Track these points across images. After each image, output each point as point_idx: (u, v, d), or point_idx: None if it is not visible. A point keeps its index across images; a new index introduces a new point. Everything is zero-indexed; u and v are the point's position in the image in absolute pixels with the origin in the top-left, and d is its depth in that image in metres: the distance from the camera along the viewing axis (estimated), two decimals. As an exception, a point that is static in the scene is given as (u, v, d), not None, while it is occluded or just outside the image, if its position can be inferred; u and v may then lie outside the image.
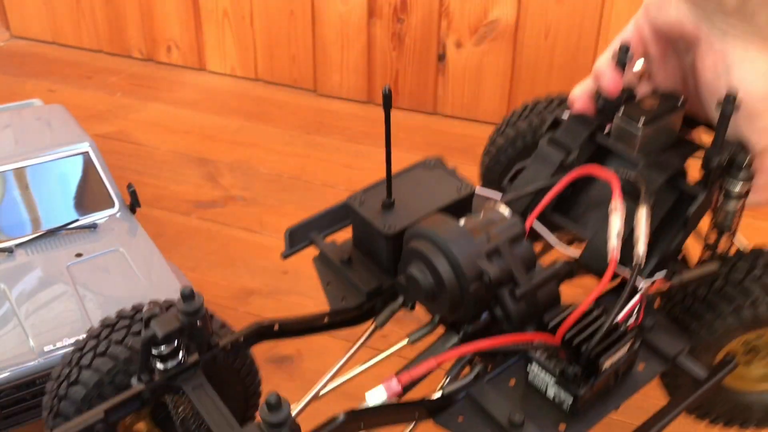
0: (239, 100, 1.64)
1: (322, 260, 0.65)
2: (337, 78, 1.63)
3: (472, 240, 0.53)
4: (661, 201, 0.59)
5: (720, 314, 0.59)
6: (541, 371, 0.53)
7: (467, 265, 0.52)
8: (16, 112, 1.10)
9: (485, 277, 0.52)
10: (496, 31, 1.47)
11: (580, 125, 0.65)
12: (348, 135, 1.51)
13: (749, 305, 0.58)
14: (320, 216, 0.66)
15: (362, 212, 0.61)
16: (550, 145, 0.65)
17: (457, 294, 0.53)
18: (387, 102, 0.56)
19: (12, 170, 0.95)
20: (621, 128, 0.63)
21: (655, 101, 0.64)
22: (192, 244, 1.16)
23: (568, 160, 0.64)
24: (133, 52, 1.82)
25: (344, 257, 0.63)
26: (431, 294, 0.54)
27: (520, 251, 0.54)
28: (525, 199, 0.64)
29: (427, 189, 0.63)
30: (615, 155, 0.64)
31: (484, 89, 1.53)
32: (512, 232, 0.55)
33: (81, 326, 0.79)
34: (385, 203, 0.61)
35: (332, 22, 1.58)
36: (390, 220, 0.60)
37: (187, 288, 0.54)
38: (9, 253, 0.89)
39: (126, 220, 0.97)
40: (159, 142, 1.46)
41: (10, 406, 0.76)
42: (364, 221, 0.61)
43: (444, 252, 0.52)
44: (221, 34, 1.70)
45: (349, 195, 0.63)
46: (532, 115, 0.78)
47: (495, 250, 0.53)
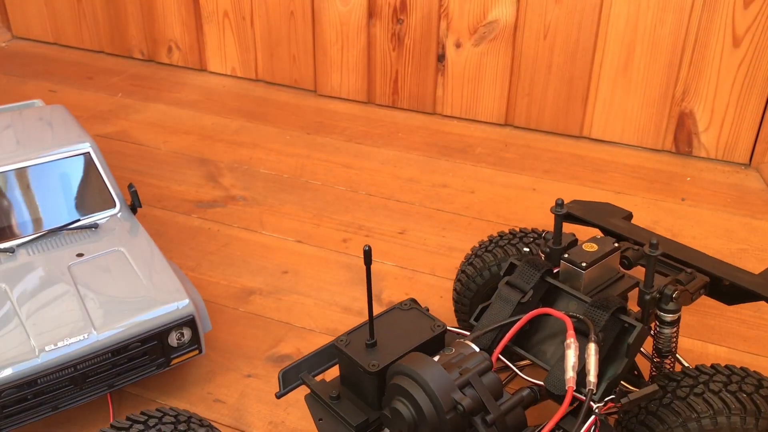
0: (240, 100, 1.65)
1: (314, 398, 0.72)
2: (337, 78, 1.64)
3: (447, 375, 0.61)
4: (609, 333, 0.68)
5: (669, 426, 0.66)
6: None
7: (443, 398, 0.60)
8: (17, 113, 1.10)
9: (459, 407, 0.60)
10: (495, 32, 1.47)
11: (533, 269, 0.75)
12: (348, 135, 1.51)
13: (694, 418, 0.65)
14: (310, 357, 0.73)
15: (348, 352, 0.68)
16: (507, 286, 0.75)
17: (436, 423, 0.61)
18: (368, 258, 0.63)
19: (13, 170, 0.95)
20: (567, 271, 0.75)
21: (594, 245, 0.76)
22: (192, 243, 1.17)
23: (524, 299, 0.74)
24: (134, 52, 1.82)
25: (333, 394, 0.70)
26: (413, 425, 0.61)
27: (488, 382, 0.63)
28: (490, 335, 0.73)
29: (405, 329, 0.71)
30: (563, 292, 0.74)
31: (483, 89, 1.54)
32: (481, 366, 0.63)
33: (82, 326, 0.80)
34: (369, 343, 0.69)
35: (332, 23, 1.58)
36: (373, 358, 0.67)
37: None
38: (11, 253, 0.90)
39: (127, 220, 0.97)
40: (160, 143, 1.46)
41: (12, 405, 0.76)
42: (351, 360, 0.68)
43: (423, 387, 0.61)
44: (222, 34, 1.71)
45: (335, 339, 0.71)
46: (496, 248, 0.88)
47: (467, 382, 0.62)
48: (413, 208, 1.27)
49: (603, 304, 0.69)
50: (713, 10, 1.32)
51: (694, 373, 0.69)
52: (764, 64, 1.34)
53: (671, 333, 0.75)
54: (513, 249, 0.87)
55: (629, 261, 0.79)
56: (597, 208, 0.93)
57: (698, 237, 1.20)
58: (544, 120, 1.52)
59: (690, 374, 0.69)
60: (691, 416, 0.65)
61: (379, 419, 0.68)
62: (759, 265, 1.14)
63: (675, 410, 0.66)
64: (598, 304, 0.69)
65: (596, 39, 1.41)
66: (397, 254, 1.15)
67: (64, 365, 0.78)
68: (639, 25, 1.37)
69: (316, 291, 1.08)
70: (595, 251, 0.75)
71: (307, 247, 1.17)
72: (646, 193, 1.33)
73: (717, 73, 1.37)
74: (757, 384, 0.67)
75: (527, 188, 1.34)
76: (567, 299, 0.74)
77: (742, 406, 0.65)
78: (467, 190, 1.33)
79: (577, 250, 0.76)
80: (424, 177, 1.36)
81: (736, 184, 1.37)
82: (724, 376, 0.67)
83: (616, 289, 0.76)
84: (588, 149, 1.48)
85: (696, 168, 1.42)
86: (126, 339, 0.81)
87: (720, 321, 1.02)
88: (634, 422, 0.69)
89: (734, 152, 1.43)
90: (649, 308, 0.72)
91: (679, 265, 0.80)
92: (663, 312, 0.73)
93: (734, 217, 1.26)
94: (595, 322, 0.67)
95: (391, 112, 1.61)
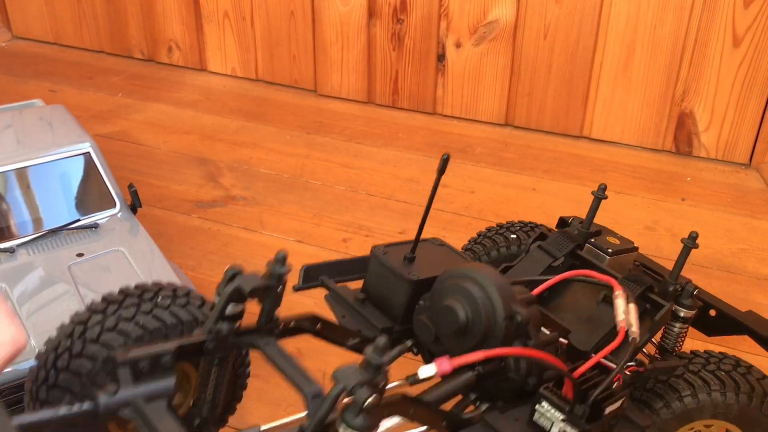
0: (240, 100, 1.65)
1: (335, 298, 0.72)
2: (337, 78, 1.64)
3: (509, 286, 0.61)
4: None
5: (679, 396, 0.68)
6: (550, 409, 0.59)
7: (504, 304, 0.59)
8: (17, 113, 1.10)
9: (517, 317, 0.59)
10: (495, 32, 1.47)
11: (566, 239, 0.78)
12: (348, 135, 1.51)
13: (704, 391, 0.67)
14: (334, 262, 0.73)
15: (386, 261, 0.69)
16: (539, 249, 0.77)
17: (490, 327, 0.60)
18: (443, 166, 0.64)
19: (13, 170, 0.95)
20: (593, 252, 0.78)
21: (617, 240, 0.80)
22: (193, 243, 1.17)
23: (554, 263, 0.76)
24: (134, 52, 1.82)
25: (359, 296, 0.70)
26: (463, 327, 0.60)
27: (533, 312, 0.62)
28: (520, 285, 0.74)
29: (439, 257, 0.72)
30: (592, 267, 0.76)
31: (483, 89, 1.54)
32: (527, 296, 0.63)
33: (82, 325, 0.80)
34: (408, 257, 0.69)
35: (332, 23, 1.58)
36: (412, 270, 0.68)
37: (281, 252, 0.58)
38: (11, 253, 0.89)
39: (127, 220, 0.97)
40: (160, 142, 1.46)
41: (11, 405, 0.76)
42: (388, 268, 0.68)
43: (486, 289, 0.60)
44: (222, 34, 1.71)
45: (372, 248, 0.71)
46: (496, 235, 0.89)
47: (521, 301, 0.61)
48: (413, 208, 1.27)
49: (636, 279, 0.71)
50: (713, 9, 1.32)
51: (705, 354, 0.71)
52: (764, 63, 1.34)
53: (680, 330, 0.75)
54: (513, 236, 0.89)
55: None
56: None
57: (698, 237, 1.20)
58: (544, 120, 1.52)
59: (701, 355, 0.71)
60: (673, 397, 0.67)
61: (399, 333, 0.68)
62: (759, 265, 1.14)
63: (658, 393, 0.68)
64: (631, 278, 0.71)
65: (596, 39, 1.41)
66: (397, 254, 1.15)
67: (64, 365, 0.78)
68: (639, 24, 1.37)
69: (315, 291, 1.07)
70: (618, 244, 0.79)
71: (307, 247, 1.17)
72: (646, 193, 1.33)
73: (717, 73, 1.37)
74: (734, 364, 0.69)
75: (527, 188, 1.34)
76: None
77: (721, 382, 0.67)
78: (467, 190, 1.33)
79: (602, 239, 0.79)
80: (424, 177, 1.36)
81: (737, 184, 1.37)
82: (702, 359, 0.70)
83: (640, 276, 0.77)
84: (588, 149, 1.48)
85: (696, 168, 1.42)
86: (126, 339, 0.81)
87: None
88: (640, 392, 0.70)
89: (734, 152, 1.43)
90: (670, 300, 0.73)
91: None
92: (680, 306, 0.74)
93: (734, 217, 1.26)
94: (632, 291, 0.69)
95: (391, 112, 1.61)
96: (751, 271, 1.12)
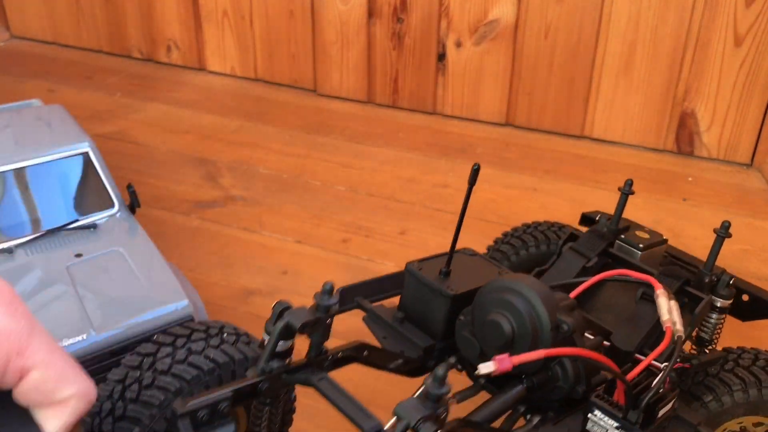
0: (239, 100, 1.64)
1: (374, 319, 0.71)
2: (337, 78, 1.63)
3: (553, 295, 0.60)
4: None
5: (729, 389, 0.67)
6: (603, 417, 0.58)
7: (550, 315, 0.58)
8: (15, 112, 1.09)
9: (564, 326, 0.58)
10: (495, 31, 1.47)
11: (598, 238, 0.77)
12: (348, 135, 1.50)
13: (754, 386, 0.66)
14: (369, 282, 0.72)
15: (422, 276, 0.68)
16: (571, 251, 0.76)
17: (536, 340, 0.59)
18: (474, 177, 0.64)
19: (11, 170, 0.94)
20: (624, 249, 0.77)
21: (646, 234, 0.79)
22: (192, 244, 1.16)
23: (588, 264, 0.75)
24: (133, 52, 1.82)
25: (399, 315, 0.69)
26: (509, 341, 0.59)
27: (577, 318, 0.61)
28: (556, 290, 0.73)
29: (473, 268, 0.71)
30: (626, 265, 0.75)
31: (483, 89, 1.53)
32: (569, 302, 0.62)
33: (80, 326, 0.79)
34: (443, 271, 0.68)
35: (332, 22, 1.58)
36: (449, 284, 0.67)
37: (328, 283, 0.57)
38: (9, 254, 0.89)
39: (126, 221, 0.97)
40: (159, 142, 1.46)
41: (10, 406, 0.76)
42: (425, 284, 0.68)
43: (531, 301, 0.59)
44: (221, 34, 1.70)
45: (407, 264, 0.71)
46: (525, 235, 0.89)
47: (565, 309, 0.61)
48: (414, 208, 1.27)
49: (672, 273, 0.70)
50: (715, 9, 1.32)
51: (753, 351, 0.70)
52: (766, 63, 1.33)
53: (718, 320, 0.74)
54: (542, 236, 0.88)
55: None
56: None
57: (700, 237, 1.20)
58: (544, 120, 1.52)
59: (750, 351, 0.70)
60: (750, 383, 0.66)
61: (441, 350, 0.67)
62: (761, 265, 1.13)
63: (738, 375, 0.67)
64: (667, 273, 0.70)
65: (597, 38, 1.41)
66: (397, 254, 1.15)
67: (62, 366, 0.77)
68: (640, 24, 1.37)
69: (315, 291, 1.07)
70: (648, 238, 0.78)
71: (306, 247, 1.17)
72: (648, 193, 1.32)
73: (719, 73, 1.37)
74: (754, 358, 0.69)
75: (528, 188, 1.33)
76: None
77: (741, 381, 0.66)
78: (468, 190, 1.32)
79: (632, 235, 0.78)
80: (424, 177, 1.36)
81: (738, 184, 1.37)
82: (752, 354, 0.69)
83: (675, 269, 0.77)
84: (589, 149, 1.47)
85: (698, 168, 1.42)
86: (125, 340, 0.80)
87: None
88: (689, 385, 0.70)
89: (736, 152, 1.42)
90: (706, 291, 0.72)
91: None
92: (717, 296, 0.73)
93: (736, 217, 1.26)
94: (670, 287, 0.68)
95: (391, 111, 1.61)
96: (753, 272, 1.11)
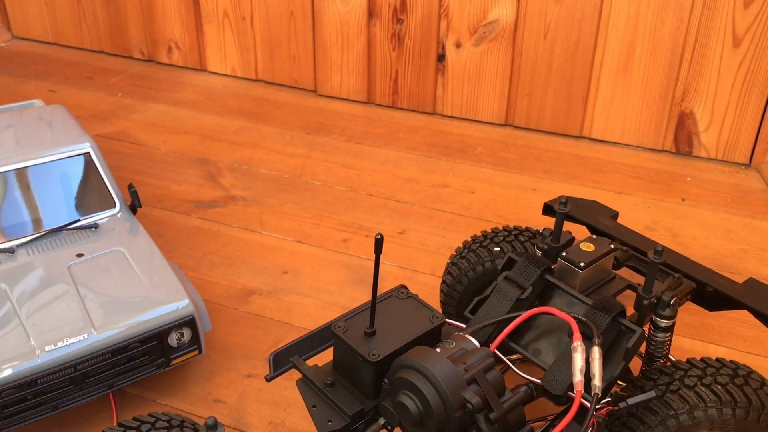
0: (239, 100, 1.65)
1: (306, 383, 0.70)
2: (337, 78, 1.64)
3: (456, 372, 0.60)
4: (606, 336, 0.68)
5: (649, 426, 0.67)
6: None
7: (453, 395, 0.59)
8: (17, 113, 1.10)
9: (468, 405, 0.59)
10: (495, 32, 1.47)
11: (533, 266, 0.75)
12: (348, 135, 1.51)
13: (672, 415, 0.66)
14: (302, 339, 0.72)
15: (347, 339, 0.67)
16: (506, 282, 0.75)
17: (443, 420, 0.60)
18: (378, 247, 0.62)
19: (13, 170, 0.95)
20: (566, 268, 0.75)
21: (591, 245, 0.76)
22: (192, 244, 1.17)
23: (523, 296, 0.74)
24: (134, 52, 1.82)
25: (327, 381, 0.69)
26: (419, 420, 0.61)
27: (492, 379, 0.62)
28: (488, 329, 0.72)
29: (403, 318, 0.70)
30: (562, 291, 0.75)
31: (483, 89, 1.54)
32: (485, 362, 0.62)
33: (82, 326, 0.80)
34: (368, 331, 0.67)
35: (332, 23, 1.58)
36: (373, 347, 0.66)
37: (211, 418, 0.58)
38: (10, 254, 0.89)
39: (127, 220, 0.97)
40: (160, 143, 1.46)
41: (12, 405, 0.76)
42: (350, 348, 0.67)
43: (433, 383, 0.59)
44: (222, 34, 1.71)
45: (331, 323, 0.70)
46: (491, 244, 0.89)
47: (472, 379, 0.61)
48: (413, 208, 1.27)
49: (605, 306, 0.69)
50: (713, 9, 1.32)
51: (669, 370, 0.69)
52: (764, 63, 1.34)
53: (665, 338, 0.75)
54: (508, 246, 0.88)
55: (618, 262, 0.80)
56: (585, 206, 0.93)
57: (698, 237, 1.20)
58: (544, 120, 1.52)
59: (666, 371, 0.69)
60: (668, 414, 0.66)
61: (373, 409, 0.67)
62: (759, 265, 1.14)
63: (653, 409, 0.67)
64: (599, 306, 0.69)
65: (596, 39, 1.41)
66: (397, 254, 1.15)
67: (63, 365, 0.78)
68: (639, 24, 1.37)
69: (315, 291, 1.08)
70: (593, 251, 0.76)
71: (306, 247, 1.17)
72: (646, 193, 1.33)
73: (717, 73, 1.37)
74: (732, 374, 0.67)
75: (527, 188, 1.34)
76: (564, 298, 0.74)
77: (717, 398, 0.65)
78: (467, 190, 1.33)
79: (575, 249, 0.76)
80: (424, 177, 1.36)
81: (737, 184, 1.37)
82: (699, 369, 0.68)
83: (609, 289, 0.76)
84: (588, 149, 1.48)
85: (696, 168, 1.42)
86: (126, 339, 0.81)
87: (720, 321, 1.02)
88: (616, 424, 0.69)
89: (734, 152, 1.43)
90: (646, 313, 0.73)
91: (667, 270, 0.80)
92: (659, 318, 0.74)
93: (734, 217, 1.26)
94: (596, 325, 0.67)
95: (391, 112, 1.61)
96: (752, 272, 1.12)
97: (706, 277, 0.79)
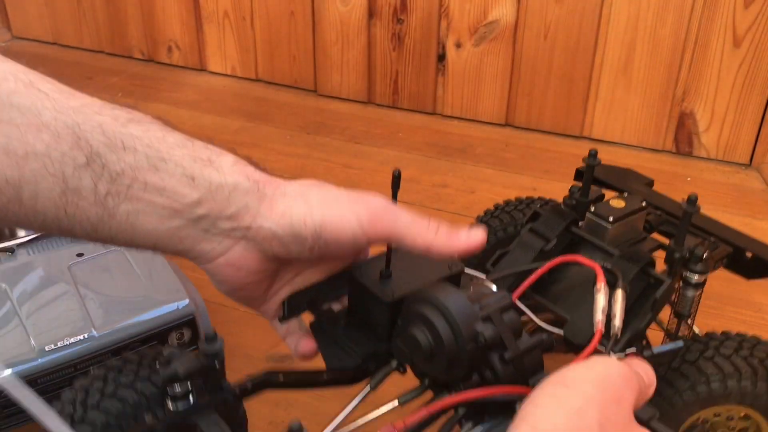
0: (239, 100, 1.65)
1: (320, 325, 0.69)
2: (337, 78, 1.64)
3: (471, 306, 0.58)
4: (634, 287, 0.66)
5: (678, 390, 0.65)
6: None
7: (465, 328, 0.57)
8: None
9: (480, 338, 0.57)
10: (495, 32, 1.47)
11: (558, 217, 0.73)
12: (348, 135, 1.51)
13: (703, 382, 0.64)
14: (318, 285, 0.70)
15: (363, 280, 0.66)
16: (530, 233, 0.73)
17: (454, 353, 0.57)
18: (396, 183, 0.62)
19: (13, 170, 0.95)
20: (593, 223, 0.72)
21: (622, 202, 0.73)
22: (192, 243, 1.17)
23: (547, 248, 0.72)
24: (133, 52, 1.82)
25: (340, 323, 0.68)
26: (429, 354, 0.59)
27: (509, 320, 0.60)
28: (509, 279, 0.70)
29: (421, 265, 0.69)
30: (588, 244, 0.72)
31: (483, 89, 1.54)
32: (502, 303, 0.60)
33: (82, 326, 0.80)
34: (384, 273, 0.66)
35: (332, 23, 1.58)
36: (388, 289, 0.65)
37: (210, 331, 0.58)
38: (10, 253, 0.89)
39: (127, 220, 0.97)
40: (160, 143, 1.46)
41: (12, 405, 0.76)
42: (364, 289, 0.65)
43: (445, 315, 0.57)
44: (222, 34, 1.70)
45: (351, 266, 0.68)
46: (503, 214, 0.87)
47: (488, 317, 0.59)
48: (413, 208, 1.26)
49: (632, 256, 0.67)
50: (714, 10, 1.32)
51: (704, 339, 0.67)
52: (765, 64, 1.34)
53: (694, 295, 0.72)
54: (521, 215, 0.85)
55: (651, 225, 0.77)
56: (620, 173, 0.90)
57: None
58: (544, 120, 1.52)
59: (699, 340, 0.67)
60: (700, 379, 0.64)
61: (387, 352, 0.65)
62: (759, 265, 1.14)
63: (684, 373, 0.65)
64: (627, 256, 0.67)
65: (597, 39, 1.41)
66: (397, 254, 1.15)
67: (64, 365, 0.78)
68: (639, 25, 1.37)
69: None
70: (623, 207, 0.73)
71: (307, 247, 1.17)
72: (647, 194, 1.33)
73: (717, 74, 1.37)
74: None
75: (527, 188, 1.34)
76: (591, 251, 0.71)
77: (753, 370, 0.63)
78: (467, 190, 1.33)
79: (604, 205, 0.73)
80: (424, 177, 1.36)
81: (737, 184, 1.37)
82: (735, 342, 0.66)
83: (641, 248, 0.73)
84: (588, 149, 1.47)
85: (696, 168, 1.42)
86: (126, 339, 0.81)
87: (720, 321, 1.02)
88: None
89: (735, 152, 1.43)
90: (677, 267, 0.69)
91: (702, 234, 0.77)
92: (691, 272, 0.70)
93: (735, 217, 1.26)
94: (623, 274, 0.65)
95: (391, 112, 1.61)
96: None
97: (744, 243, 0.76)
